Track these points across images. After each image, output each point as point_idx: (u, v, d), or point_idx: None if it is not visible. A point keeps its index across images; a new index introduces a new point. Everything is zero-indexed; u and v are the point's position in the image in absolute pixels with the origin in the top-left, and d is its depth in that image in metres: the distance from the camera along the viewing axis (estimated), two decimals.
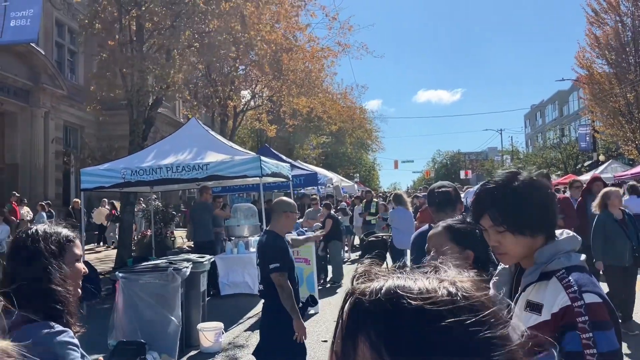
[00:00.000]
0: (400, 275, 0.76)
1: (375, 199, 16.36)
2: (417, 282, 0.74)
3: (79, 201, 18.44)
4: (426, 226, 3.67)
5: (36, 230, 1.88)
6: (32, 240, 1.84)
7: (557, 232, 1.81)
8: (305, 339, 4.20)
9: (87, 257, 12.73)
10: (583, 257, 1.76)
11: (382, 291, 0.73)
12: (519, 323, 0.75)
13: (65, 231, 1.93)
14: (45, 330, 1.71)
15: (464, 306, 0.70)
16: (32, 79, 19.57)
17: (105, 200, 19.45)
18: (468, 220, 2.47)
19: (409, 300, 0.70)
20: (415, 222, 9.19)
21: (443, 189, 3.65)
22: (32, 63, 19.46)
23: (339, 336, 0.76)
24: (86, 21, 13.20)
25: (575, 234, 1.82)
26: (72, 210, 18.92)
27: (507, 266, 1.95)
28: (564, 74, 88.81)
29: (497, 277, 1.99)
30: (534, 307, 1.69)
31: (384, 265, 7.90)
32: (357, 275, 0.80)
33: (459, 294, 0.71)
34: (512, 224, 1.73)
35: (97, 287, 9.49)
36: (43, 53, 19.53)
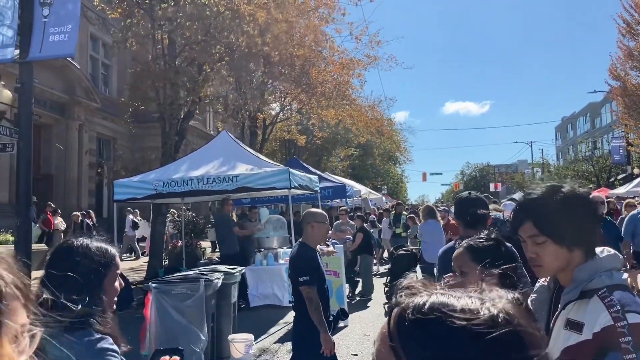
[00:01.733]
0: (444, 292, 0.77)
1: (404, 212, 16.21)
2: (459, 300, 0.75)
3: (78, 214, 18.29)
4: (452, 242, 3.61)
5: (79, 242, 1.91)
6: (74, 252, 1.87)
7: (598, 249, 1.78)
8: (332, 352, 4.19)
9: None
10: (625, 275, 1.73)
11: (426, 307, 0.74)
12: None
13: (105, 245, 1.95)
14: (86, 338, 1.74)
15: (505, 327, 0.71)
16: (68, 92, 20.07)
17: (133, 210, 19.58)
18: (493, 235, 2.44)
19: (452, 319, 0.71)
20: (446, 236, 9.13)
21: (480, 212, 3.57)
22: (68, 77, 19.96)
23: (381, 345, 0.77)
24: (120, 35, 13.51)
25: (616, 252, 1.80)
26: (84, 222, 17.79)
27: (546, 283, 1.93)
28: (595, 85, 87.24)
29: (535, 295, 1.97)
30: (575, 326, 1.66)
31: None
32: (401, 288, 0.81)
33: (500, 315, 0.72)
34: (552, 233, 1.72)
35: (129, 297, 9.61)
36: (78, 67, 20.01)
